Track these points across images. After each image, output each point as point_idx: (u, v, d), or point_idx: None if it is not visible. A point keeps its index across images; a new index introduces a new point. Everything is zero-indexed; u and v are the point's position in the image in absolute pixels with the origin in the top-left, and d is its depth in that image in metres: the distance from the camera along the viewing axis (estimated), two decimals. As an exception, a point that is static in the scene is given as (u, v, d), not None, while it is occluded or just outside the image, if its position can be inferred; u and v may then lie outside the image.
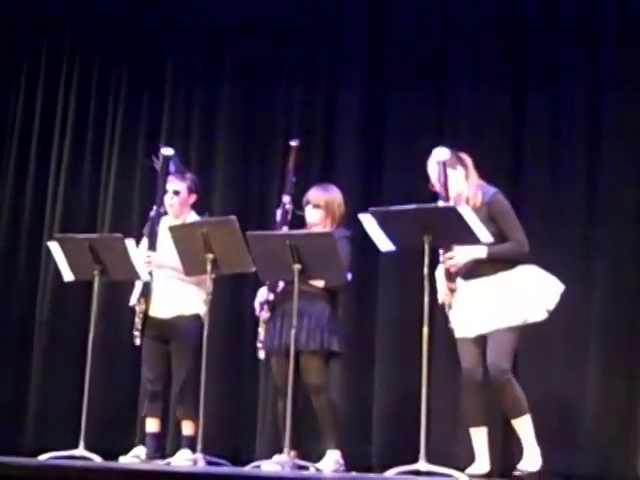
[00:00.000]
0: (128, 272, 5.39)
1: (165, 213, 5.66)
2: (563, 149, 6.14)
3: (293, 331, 4.94)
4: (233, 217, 5.13)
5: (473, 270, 4.80)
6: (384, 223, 4.71)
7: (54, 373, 7.12)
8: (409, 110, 6.54)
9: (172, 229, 5.31)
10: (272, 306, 5.18)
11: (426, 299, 4.62)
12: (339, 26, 6.91)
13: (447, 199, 4.74)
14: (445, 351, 5.44)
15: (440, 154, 4.78)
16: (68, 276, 5.58)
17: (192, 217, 5.68)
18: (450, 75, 6.54)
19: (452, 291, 4.80)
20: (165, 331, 5.56)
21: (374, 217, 4.73)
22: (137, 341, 5.54)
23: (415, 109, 6.52)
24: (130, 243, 5.37)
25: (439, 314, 5.02)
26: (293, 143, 5.36)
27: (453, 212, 4.56)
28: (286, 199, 5.27)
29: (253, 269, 5.10)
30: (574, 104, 6.17)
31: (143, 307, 5.52)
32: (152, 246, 5.52)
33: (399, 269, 6.07)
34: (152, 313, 5.56)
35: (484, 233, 4.57)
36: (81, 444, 5.30)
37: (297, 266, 4.88)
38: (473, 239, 4.58)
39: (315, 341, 5.07)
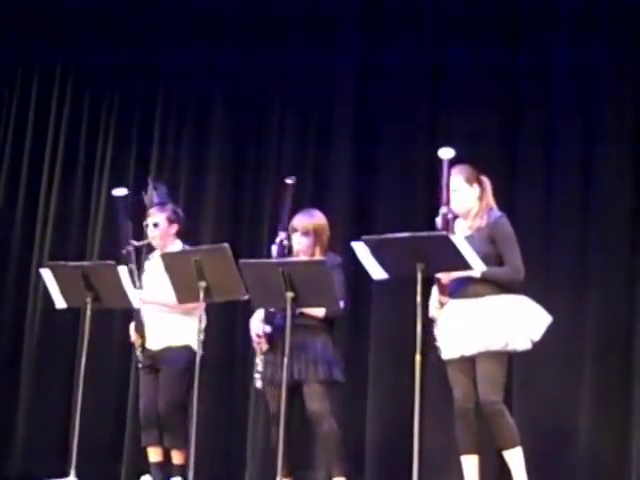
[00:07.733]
0: (121, 299, 5.38)
1: (135, 250, 5.63)
2: (559, 156, 6.14)
3: (286, 360, 4.91)
4: (226, 245, 5.12)
5: (464, 289, 4.80)
6: (377, 251, 4.71)
7: (42, 400, 7.10)
8: (403, 123, 6.59)
9: (164, 257, 5.31)
10: (270, 338, 5.13)
11: (419, 327, 4.63)
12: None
13: (447, 203, 4.74)
14: (438, 379, 5.41)
15: (445, 152, 4.76)
16: (60, 303, 5.55)
17: (177, 246, 5.68)
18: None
19: (441, 305, 4.81)
20: (155, 361, 5.60)
21: (367, 245, 4.74)
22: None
23: (410, 120, 6.59)
24: (123, 270, 5.36)
25: (432, 342, 5.02)
26: (289, 181, 5.30)
27: (446, 240, 4.57)
28: (282, 235, 5.22)
29: (246, 297, 5.10)
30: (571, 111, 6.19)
31: (140, 341, 5.57)
32: (133, 284, 5.48)
33: (392, 297, 6.07)
34: (146, 345, 5.60)
35: (477, 262, 4.59)
36: (72, 472, 5.27)
37: (290, 294, 4.88)
38: (466, 267, 4.60)
39: (324, 372, 5.05)
